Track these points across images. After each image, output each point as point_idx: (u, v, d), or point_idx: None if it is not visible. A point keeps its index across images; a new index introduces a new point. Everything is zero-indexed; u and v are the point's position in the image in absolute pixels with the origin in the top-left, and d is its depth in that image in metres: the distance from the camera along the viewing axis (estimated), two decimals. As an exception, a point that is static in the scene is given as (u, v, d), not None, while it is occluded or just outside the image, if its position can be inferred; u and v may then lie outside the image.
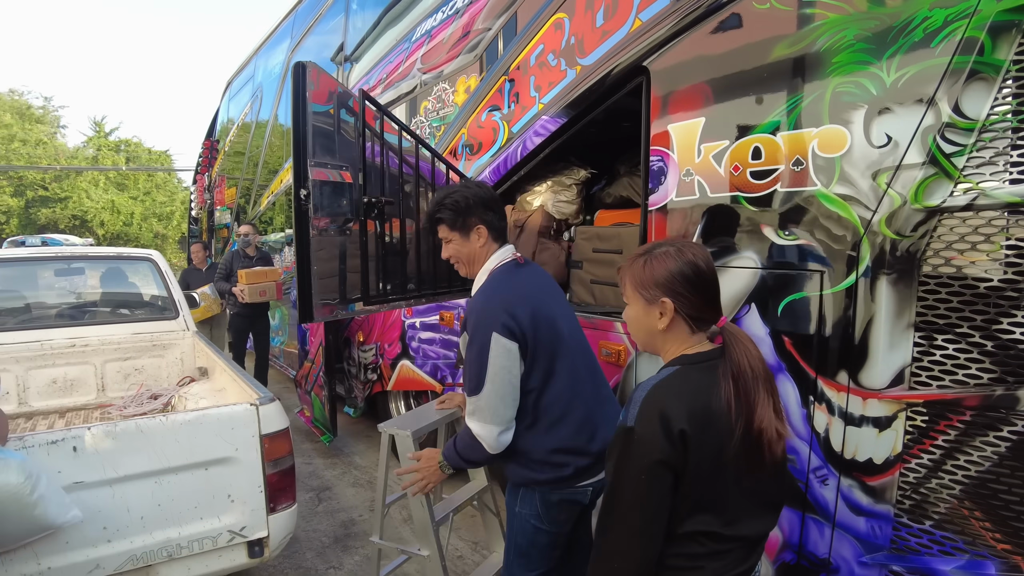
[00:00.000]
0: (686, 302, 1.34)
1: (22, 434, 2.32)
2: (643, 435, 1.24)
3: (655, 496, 1.25)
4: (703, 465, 1.26)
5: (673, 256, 1.35)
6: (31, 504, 2.02)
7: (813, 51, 2.03)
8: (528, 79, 3.22)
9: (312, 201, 2.50)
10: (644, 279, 1.38)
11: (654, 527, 1.26)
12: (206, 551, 2.54)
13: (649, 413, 1.25)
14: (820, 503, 2.12)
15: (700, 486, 1.27)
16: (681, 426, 1.23)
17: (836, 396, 2.04)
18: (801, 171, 2.07)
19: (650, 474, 1.24)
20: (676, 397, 1.27)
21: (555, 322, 1.99)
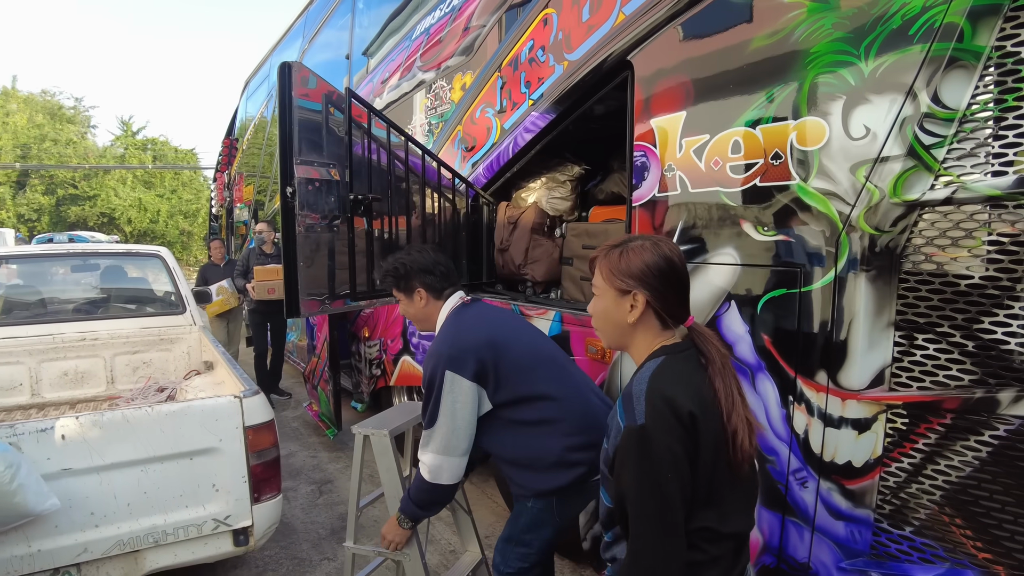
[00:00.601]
0: (659, 296, 1.32)
1: (12, 422, 2.37)
2: (656, 430, 1.20)
3: (681, 491, 1.21)
4: (708, 451, 1.24)
5: (649, 249, 1.34)
6: (10, 492, 2.07)
7: (791, 41, 1.99)
8: (519, 75, 3.20)
9: (298, 198, 2.52)
10: (619, 269, 1.35)
11: (682, 528, 1.22)
12: (192, 538, 2.59)
13: (657, 405, 1.21)
14: (800, 506, 2.08)
15: (707, 474, 1.24)
16: (690, 407, 1.21)
17: (815, 396, 1.99)
18: (780, 165, 2.03)
19: (674, 470, 1.20)
20: (677, 382, 1.25)
21: (518, 338, 2.10)
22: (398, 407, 2.67)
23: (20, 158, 28.85)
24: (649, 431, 1.20)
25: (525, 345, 2.10)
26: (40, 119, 30.54)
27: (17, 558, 2.33)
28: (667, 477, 1.19)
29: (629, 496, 1.23)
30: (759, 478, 1.46)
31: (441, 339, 2.08)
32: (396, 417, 2.49)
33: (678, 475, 1.20)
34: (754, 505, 1.43)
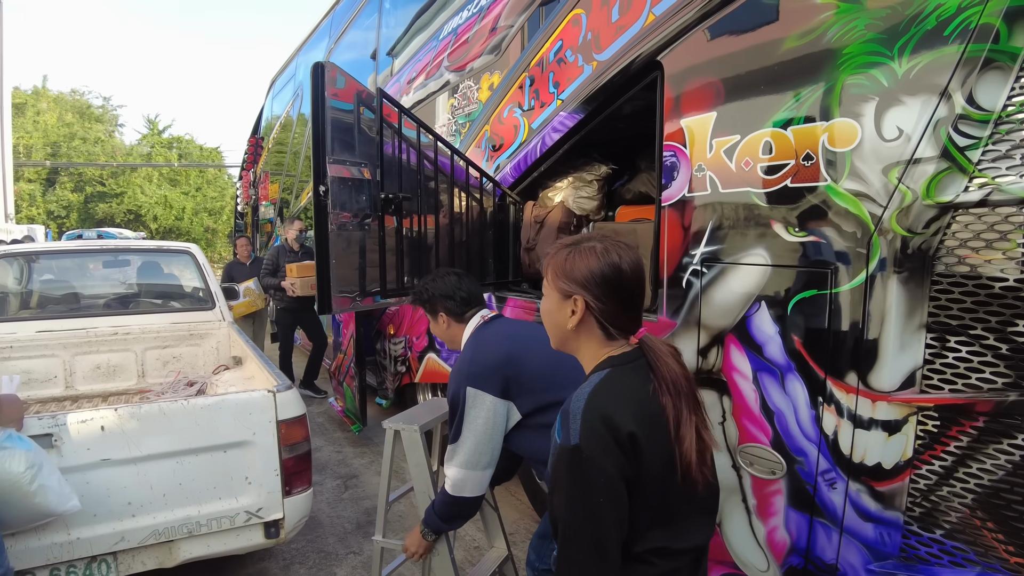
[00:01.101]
0: (600, 305, 1.25)
1: (54, 412, 2.44)
2: (593, 451, 1.13)
3: (616, 519, 1.14)
4: (654, 469, 1.18)
5: (597, 254, 1.25)
6: (31, 493, 2.13)
7: (823, 43, 1.99)
8: (547, 75, 3.22)
9: (331, 197, 2.56)
10: (563, 271, 1.28)
11: (617, 559, 1.16)
12: (224, 530, 2.65)
13: (593, 424, 1.15)
14: (828, 507, 2.08)
15: (655, 493, 1.19)
16: (629, 428, 1.14)
17: (845, 398, 1.99)
18: (811, 166, 2.03)
19: (608, 494, 1.13)
20: (617, 400, 1.18)
21: (537, 347, 2.10)
22: (426, 404, 2.70)
23: (50, 156, 29.41)
24: (583, 452, 1.13)
25: (544, 353, 2.12)
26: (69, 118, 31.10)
27: (57, 545, 2.40)
28: (599, 502, 1.13)
29: (560, 517, 1.17)
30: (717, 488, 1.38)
31: (462, 358, 2.15)
32: (425, 413, 2.53)
33: (612, 500, 1.13)
34: (714, 514, 1.40)
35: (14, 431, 2.15)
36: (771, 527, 2.25)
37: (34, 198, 28.67)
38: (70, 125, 30.53)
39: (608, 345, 1.29)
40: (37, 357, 4.41)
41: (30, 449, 2.13)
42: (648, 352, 1.25)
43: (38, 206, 28.73)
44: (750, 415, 2.26)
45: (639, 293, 1.29)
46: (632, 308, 1.28)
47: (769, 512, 2.25)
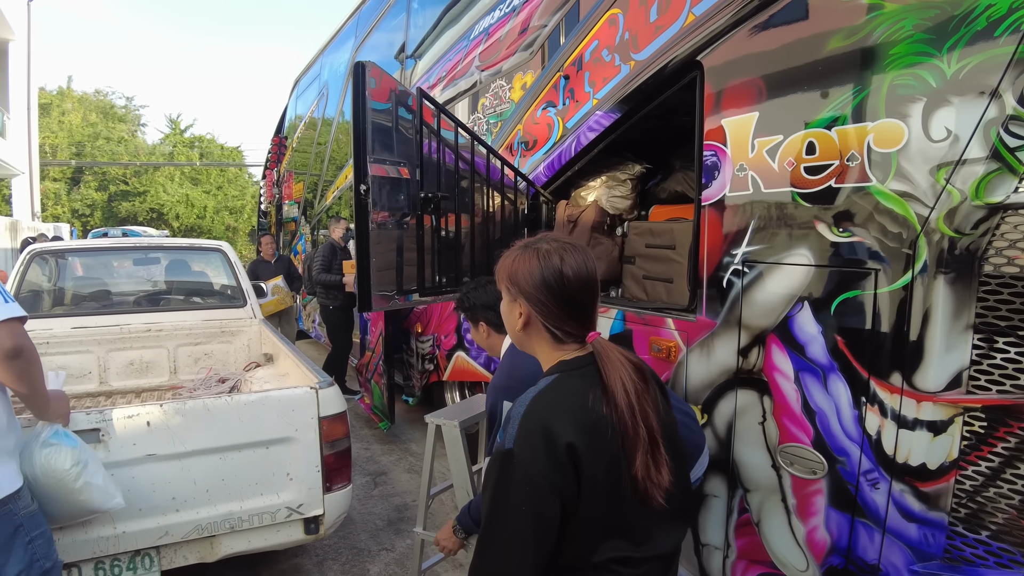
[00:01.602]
0: (543, 309, 1.23)
1: (102, 408, 2.49)
2: (524, 458, 1.11)
3: (533, 529, 1.12)
4: (599, 478, 1.14)
5: (539, 258, 1.24)
6: (76, 490, 2.15)
7: (870, 43, 1.98)
8: (583, 75, 3.23)
9: (371, 196, 2.58)
10: (507, 273, 1.28)
11: (538, 561, 1.13)
12: (265, 525, 2.68)
13: (530, 431, 1.12)
14: (870, 507, 2.08)
15: (602, 504, 1.15)
16: (568, 439, 1.11)
17: (889, 398, 1.99)
18: (856, 166, 2.03)
19: (531, 505, 1.10)
20: (558, 408, 1.15)
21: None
22: (465, 402, 2.73)
23: (75, 155, 29.84)
24: (515, 458, 1.11)
25: None
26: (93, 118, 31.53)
27: (103, 539, 2.44)
28: (520, 509, 1.11)
29: (483, 515, 1.17)
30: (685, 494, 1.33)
31: (500, 371, 2.15)
32: (465, 410, 2.55)
33: (534, 510, 1.11)
34: (685, 519, 1.36)
35: (60, 427, 2.17)
36: (811, 527, 2.25)
37: (59, 197, 29.09)
38: (94, 125, 30.95)
39: (559, 348, 1.27)
40: (72, 353, 4.49)
41: (76, 446, 2.15)
42: (598, 359, 1.21)
43: (63, 205, 29.15)
44: (791, 415, 2.26)
45: (585, 297, 1.25)
46: (577, 312, 1.25)
47: (809, 512, 2.25)
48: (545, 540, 1.13)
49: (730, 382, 2.46)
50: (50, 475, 2.08)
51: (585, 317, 1.25)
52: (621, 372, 1.17)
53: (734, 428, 2.46)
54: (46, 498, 2.09)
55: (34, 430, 2.11)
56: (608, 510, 1.16)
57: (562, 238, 1.29)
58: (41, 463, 2.06)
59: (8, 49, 20.34)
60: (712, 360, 2.52)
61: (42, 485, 2.07)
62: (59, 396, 2.22)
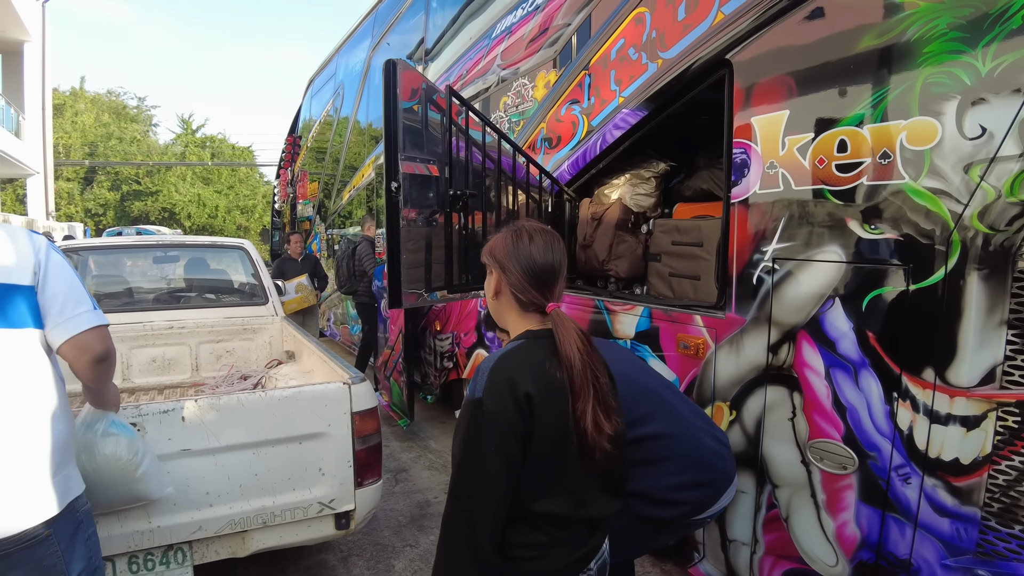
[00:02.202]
0: (512, 278, 1.42)
1: (138, 403, 2.52)
2: (492, 406, 1.28)
3: (505, 472, 1.28)
4: (548, 432, 1.30)
5: (513, 235, 1.45)
6: (135, 480, 2.17)
7: (903, 41, 2.00)
8: (608, 73, 3.25)
9: (402, 193, 2.61)
10: (489, 248, 1.49)
11: (504, 501, 1.29)
12: (297, 520, 2.69)
13: (496, 383, 1.29)
14: (901, 502, 2.09)
15: (548, 457, 1.31)
16: (527, 389, 1.28)
17: (921, 393, 2.00)
18: (888, 164, 2.04)
19: (499, 445, 1.27)
20: (520, 364, 1.33)
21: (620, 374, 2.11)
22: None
23: (88, 155, 30.06)
24: (484, 405, 1.28)
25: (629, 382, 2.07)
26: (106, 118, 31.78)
27: (138, 533, 2.44)
28: (491, 451, 1.26)
29: (455, 460, 1.32)
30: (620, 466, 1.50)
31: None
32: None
33: (502, 450, 1.27)
34: (618, 489, 1.51)
35: (115, 416, 2.16)
36: (841, 522, 2.27)
37: (72, 196, 29.32)
38: (107, 125, 31.19)
39: (525, 317, 1.45)
40: (97, 349, 4.53)
41: (133, 436, 2.16)
42: (554, 325, 1.39)
43: (76, 204, 29.38)
44: (821, 411, 2.28)
45: (546, 272, 1.43)
46: (539, 283, 1.42)
47: (839, 507, 2.27)
48: (512, 479, 1.29)
49: (759, 378, 2.47)
50: (112, 464, 2.08)
51: (546, 289, 1.43)
52: (574, 336, 1.36)
53: (763, 424, 2.48)
54: (101, 487, 2.09)
55: (82, 419, 2.08)
56: (552, 464, 1.32)
57: (539, 225, 1.50)
58: (103, 453, 2.06)
59: (23, 50, 20.52)
60: (741, 357, 2.54)
61: (103, 475, 2.07)
62: (113, 384, 2.23)
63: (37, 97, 21.45)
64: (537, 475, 1.31)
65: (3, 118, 18.26)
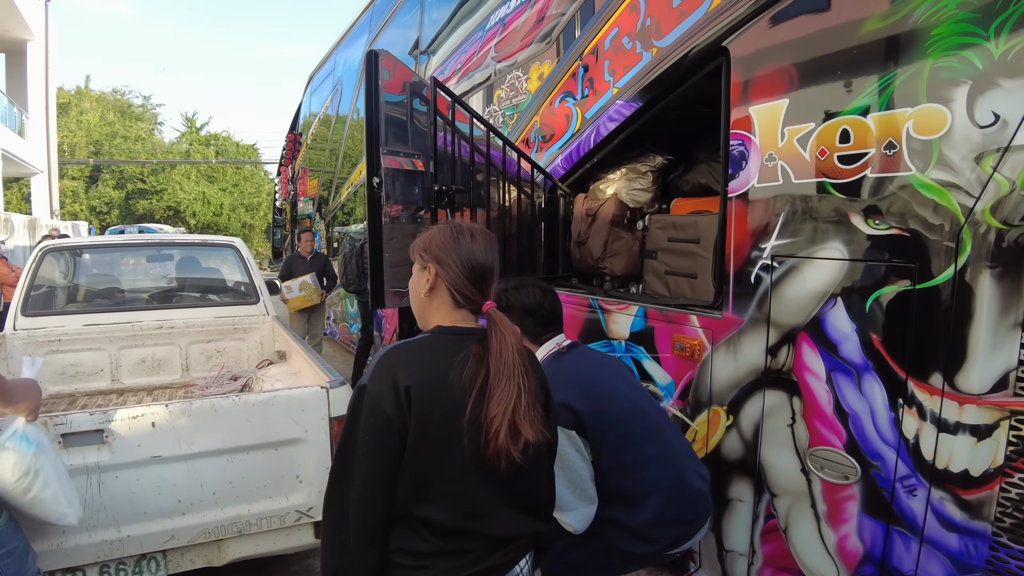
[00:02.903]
0: (451, 273, 1.37)
1: (105, 408, 2.42)
2: (373, 393, 1.26)
3: (380, 462, 1.25)
4: (430, 431, 1.25)
5: (452, 231, 1.41)
6: (26, 504, 1.97)
7: (909, 24, 1.87)
8: (602, 63, 3.13)
9: (384, 189, 2.50)
10: (423, 244, 1.43)
11: (378, 492, 1.26)
12: (274, 529, 2.59)
13: (381, 371, 1.27)
14: (907, 515, 1.97)
15: (427, 458, 1.26)
16: (407, 382, 1.24)
17: (928, 400, 1.89)
18: (894, 155, 1.92)
19: (375, 437, 1.24)
20: (411, 357, 1.30)
21: (621, 392, 1.96)
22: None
23: (93, 154, 30.11)
24: (366, 392, 1.26)
25: (625, 403, 1.95)
26: (111, 117, 31.80)
27: (107, 543, 2.36)
28: (366, 439, 1.24)
29: (336, 444, 1.31)
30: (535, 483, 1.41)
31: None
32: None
33: (377, 440, 1.24)
34: (536, 514, 1.42)
35: (21, 428, 1.94)
36: (842, 534, 2.15)
37: (77, 195, 29.38)
38: (112, 124, 31.22)
39: (453, 313, 1.40)
40: (84, 350, 4.44)
41: (29, 452, 1.93)
42: (490, 323, 1.35)
43: (81, 203, 29.43)
44: (822, 417, 2.16)
45: (485, 270, 1.39)
46: (478, 280, 1.38)
47: (841, 519, 2.15)
48: (387, 469, 1.25)
49: (758, 382, 2.36)
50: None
51: (484, 286, 1.39)
52: (512, 337, 1.32)
53: (761, 430, 2.36)
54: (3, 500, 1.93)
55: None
56: (433, 467, 1.27)
57: (478, 226, 1.47)
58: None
59: (26, 49, 20.53)
60: (739, 359, 2.42)
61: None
62: (28, 386, 2.00)
63: (41, 96, 21.44)
64: (414, 476, 1.27)
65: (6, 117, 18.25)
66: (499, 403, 1.26)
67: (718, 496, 2.56)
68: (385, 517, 1.27)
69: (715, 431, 2.54)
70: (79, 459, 2.32)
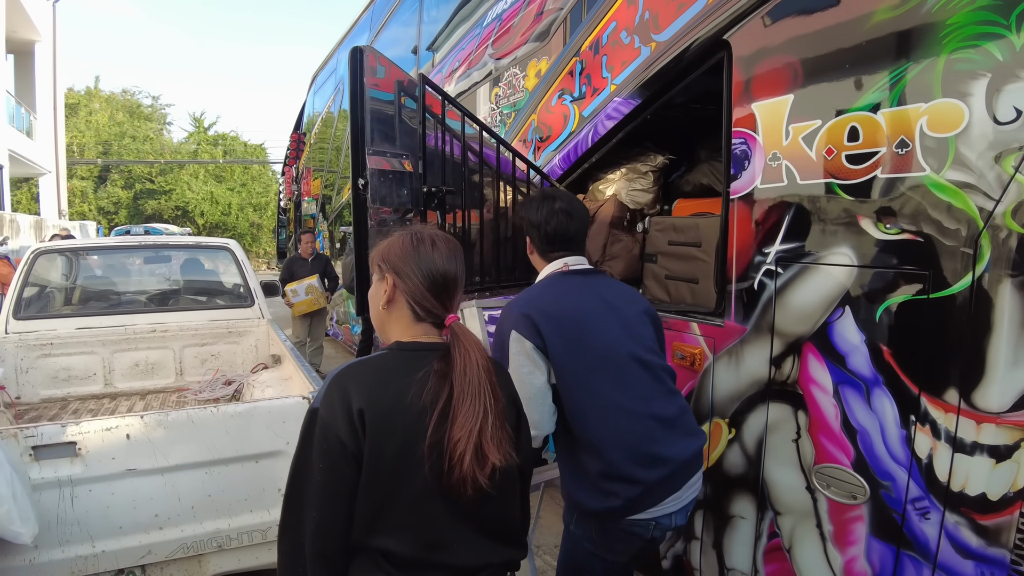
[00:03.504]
0: (410, 284, 1.27)
1: (78, 419, 2.33)
2: (325, 417, 1.17)
3: (335, 491, 1.17)
4: (386, 457, 1.16)
5: (412, 239, 1.31)
6: None
7: (923, 13, 1.74)
8: (600, 59, 3.01)
9: (370, 191, 2.40)
10: (381, 253, 1.34)
11: (335, 521, 1.18)
12: (256, 543, 2.51)
13: (332, 393, 1.19)
14: (919, 539, 1.85)
15: (383, 485, 1.17)
16: (359, 405, 1.16)
17: (943, 418, 1.76)
18: (907, 154, 1.79)
19: (329, 464, 1.16)
20: (364, 377, 1.21)
21: (598, 331, 1.82)
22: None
23: (102, 154, 30.22)
24: (318, 416, 1.18)
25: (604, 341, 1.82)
26: (120, 117, 31.92)
27: (81, 558, 2.28)
28: (320, 466, 1.17)
29: (290, 471, 1.24)
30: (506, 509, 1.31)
31: (517, 298, 1.95)
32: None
33: (331, 467, 1.16)
34: (507, 541, 1.32)
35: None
36: (849, 556, 2.03)
37: (86, 195, 29.48)
38: (121, 124, 31.34)
39: (414, 327, 1.31)
40: (77, 354, 4.38)
41: None
42: (453, 337, 1.25)
43: (90, 203, 29.53)
44: (829, 433, 2.04)
45: (447, 280, 1.30)
46: (439, 291, 1.29)
47: (848, 540, 2.03)
48: (343, 498, 1.17)
49: (761, 394, 2.23)
50: None
51: (447, 298, 1.30)
52: (476, 352, 1.22)
53: (764, 445, 2.24)
54: None
55: None
56: (390, 495, 1.18)
57: (440, 232, 1.36)
58: None
59: (34, 50, 20.58)
60: (741, 369, 2.30)
61: None
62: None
63: (49, 97, 21.51)
64: (370, 505, 1.17)
65: (14, 118, 18.30)
66: (463, 425, 1.16)
67: (719, 512, 2.44)
68: (343, 547, 1.20)
69: (716, 444, 2.42)
70: (51, 472, 2.24)
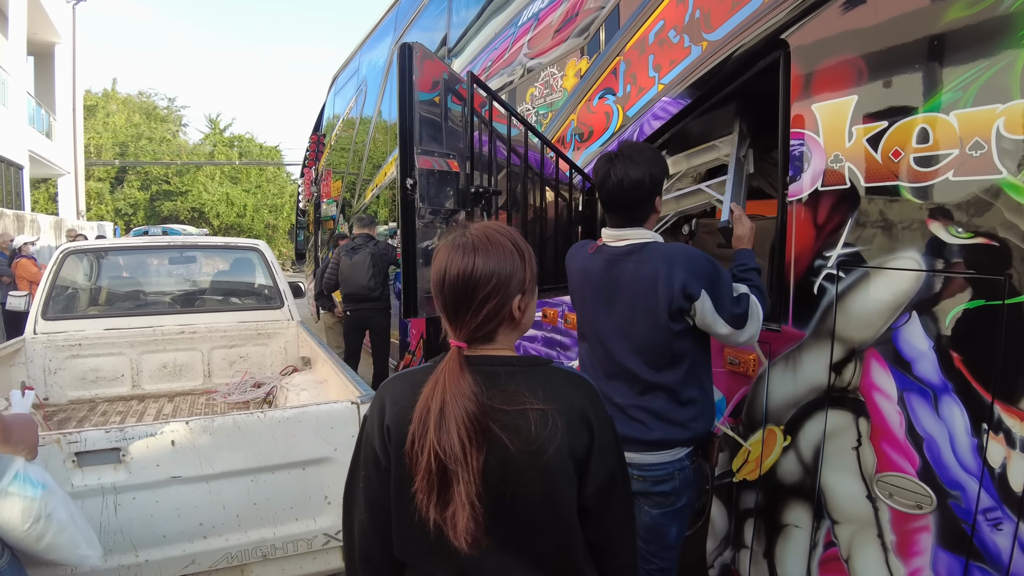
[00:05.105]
0: (435, 298, 1.19)
1: (123, 426, 2.31)
2: (367, 427, 1.22)
3: (374, 495, 1.18)
4: (405, 479, 1.11)
5: (440, 251, 1.18)
6: (40, 551, 1.82)
7: (1001, 10, 1.69)
8: (646, 58, 2.96)
9: (418, 191, 2.36)
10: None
11: (376, 525, 1.18)
12: (301, 553, 2.47)
13: (375, 403, 1.22)
14: (990, 551, 1.79)
15: (405, 504, 1.11)
16: (388, 421, 1.16)
17: (1019, 426, 1.70)
18: (982, 156, 1.74)
19: (368, 471, 1.19)
20: (399, 390, 1.20)
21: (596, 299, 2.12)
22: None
23: (119, 155, 30.44)
24: (364, 424, 1.23)
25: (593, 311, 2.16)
26: (137, 119, 32.17)
27: (124, 568, 2.25)
28: (362, 472, 1.21)
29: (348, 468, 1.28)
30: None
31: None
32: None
33: (368, 476, 1.19)
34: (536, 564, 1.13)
35: (22, 469, 1.79)
36: (913, 568, 1.97)
37: (103, 196, 29.69)
38: (137, 126, 31.57)
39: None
40: (105, 355, 4.38)
41: (36, 495, 1.77)
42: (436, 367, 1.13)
43: (107, 204, 29.75)
44: (893, 440, 1.98)
45: (453, 297, 1.13)
46: (448, 311, 1.16)
47: (912, 551, 1.97)
48: (382, 508, 1.17)
49: (819, 401, 2.18)
50: (8, 533, 1.75)
51: (454, 318, 1.15)
52: (448, 379, 1.07)
53: (822, 452, 2.19)
54: (14, 546, 1.79)
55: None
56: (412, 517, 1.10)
57: (482, 232, 1.17)
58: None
59: (54, 52, 20.77)
60: (799, 375, 2.25)
61: (7, 537, 1.76)
62: (23, 421, 1.85)
63: (68, 98, 21.69)
64: (400, 521, 1.14)
65: (35, 119, 18.47)
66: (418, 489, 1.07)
67: (771, 521, 2.39)
68: (387, 555, 1.19)
69: (770, 452, 2.37)
70: (94, 479, 2.21)
